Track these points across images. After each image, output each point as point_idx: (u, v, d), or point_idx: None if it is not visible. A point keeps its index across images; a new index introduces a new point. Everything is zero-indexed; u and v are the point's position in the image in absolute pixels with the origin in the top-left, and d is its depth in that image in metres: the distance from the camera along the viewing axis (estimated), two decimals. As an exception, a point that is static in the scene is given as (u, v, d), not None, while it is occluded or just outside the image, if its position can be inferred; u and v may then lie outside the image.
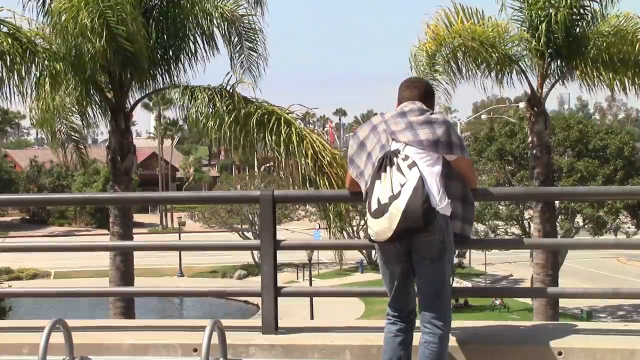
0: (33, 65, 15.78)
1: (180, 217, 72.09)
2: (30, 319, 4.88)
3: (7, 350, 5.47)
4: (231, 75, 16.54)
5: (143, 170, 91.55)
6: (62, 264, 55.83)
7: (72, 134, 19.00)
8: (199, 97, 16.21)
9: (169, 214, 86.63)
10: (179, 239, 54.90)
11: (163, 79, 17.07)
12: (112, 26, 14.66)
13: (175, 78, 16.98)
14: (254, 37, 17.20)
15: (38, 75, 15.79)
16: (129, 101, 17.19)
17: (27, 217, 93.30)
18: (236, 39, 17.07)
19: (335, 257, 17.20)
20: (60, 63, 15.62)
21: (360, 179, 5.28)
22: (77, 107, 17.53)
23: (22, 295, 14.76)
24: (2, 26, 15.59)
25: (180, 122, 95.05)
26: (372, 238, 5.01)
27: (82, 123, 18.22)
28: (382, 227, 4.89)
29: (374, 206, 4.92)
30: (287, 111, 16.16)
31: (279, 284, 5.94)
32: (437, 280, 5.03)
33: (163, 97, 74.80)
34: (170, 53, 16.81)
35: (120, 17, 14.71)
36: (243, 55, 17.19)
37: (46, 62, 15.73)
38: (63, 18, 14.79)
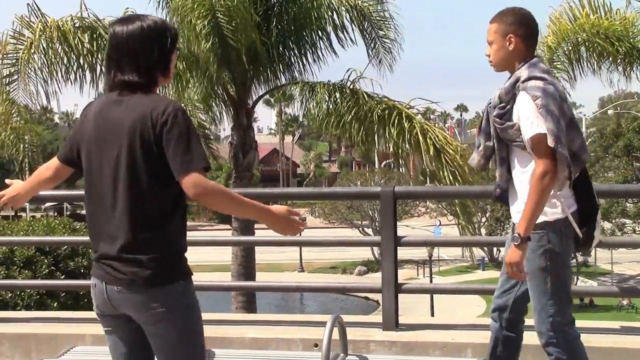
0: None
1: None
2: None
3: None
4: (352, 71, 16.57)
5: (264, 166, 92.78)
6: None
7: (200, 129, 19.43)
8: (319, 93, 16.29)
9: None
10: (300, 234, 55.35)
11: (284, 75, 17.23)
12: (223, 26, 14.84)
13: (297, 74, 17.13)
14: (383, 27, 17.12)
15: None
16: (251, 98, 17.43)
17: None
18: (363, 31, 17.03)
19: (463, 253, 17.04)
20: (184, 62, 15.98)
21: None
22: (202, 104, 17.91)
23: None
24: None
25: (301, 119, 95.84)
26: (588, 250, 4.59)
27: (208, 119, 18.64)
28: (598, 240, 4.53)
29: (600, 214, 4.48)
30: (408, 106, 16.09)
31: (399, 281, 5.90)
32: None
33: (284, 93, 75.73)
34: (291, 50, 16.95)
35: (233, 19, 14.88)
36: (374, 47, 17.16)
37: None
38: (183, 17, 15.13)
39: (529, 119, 4.22)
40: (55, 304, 14.52)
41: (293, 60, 17.00)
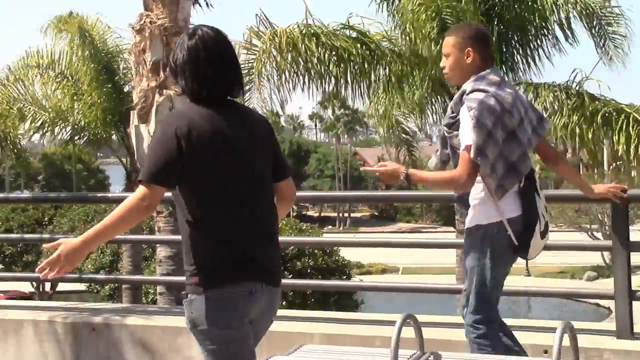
0: (379, 68, 16.40)
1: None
2: (380, 313, 5.07)
3: (361, 341, 5.68)
4: (577, 72, 16.11)
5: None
6: (410, 260, 57.22)
7: (405, 136, 19.60)
8: (542, 94, 15.98)
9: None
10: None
11: (507, 75, 16.96)
12: (450, 27, 14.83)
13: (520, 74, 16.83)
14: (612, 22, 16.49)
15: (382, 76, 16.39)
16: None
17: (376, 214, 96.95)
18: (591, 28, 16.44)
19: None
20: (407, 65, 16.08)
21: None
22: (413, 110, 17.94)
23: (373, 289, 15.32)
24: (351, 32, 16.34)
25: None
26: (526, 257, 4.70)
27: (420, 123, 18.67)
28: (539, 250, 4.70)
29: (543, 224, 4.62)
30: (637, 109, 15.46)
31: (633, 287, 5.65)
32: None
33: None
34: (514, 49, 16.66)
35: (459, 20, 14.81)
36: (603, 45, 16.56)
37: (392, 64, 16.27)
38: (408, 19, 15.22)
39: (463, 130, 4.46)
40: (283, 303, 15.00)
41: (516, 60, 16.72)
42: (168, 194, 3.72)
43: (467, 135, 4.43)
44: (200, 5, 11.37)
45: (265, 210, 3.71)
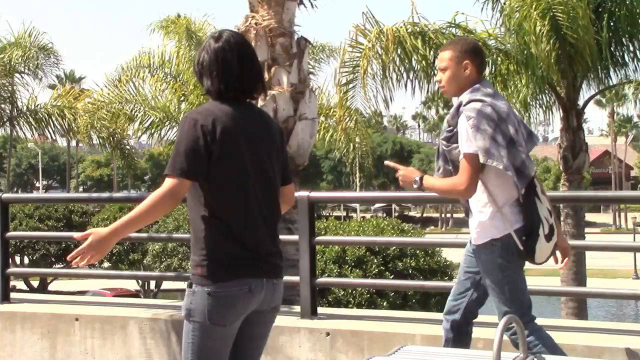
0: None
1: (635, 218, 69.39)
2: (483, 315, 5.01)
3: (462, 343, 5.61)
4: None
5: (595, 168, 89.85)
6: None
7: None
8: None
9: (622, 214, 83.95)
10: (634, 239, 52.97)
11: (616, 74, 16.55)
12: (561, 27, 14.51)
13: (630, 73, 16.39)
14: None
15: (487, 75, 16.14)
16: (581, 98, 16.91)
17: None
18: None
19: None
20: (514, 64, 15.83)
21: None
22: (518, 109, 17.60)
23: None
24: (456, 30, 16.16)
25: (635, 119, 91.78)
26: (534, 262, 4.63)
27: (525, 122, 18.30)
28: (547, 253, 4.63)
29: (547, 227, 4.56)
30: None
31: None
32: None
33: (616, 93, 72.67)
34: (624, 47, 16.23)
35: (570, 17, 14.50)
36: None
37: (497, 62, 16.04)
38: (515, 18, 14.98)
39: (462, 139, 4.48)
40: (384, 303, 14.92)
41: (626, 59, 16.29)
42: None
43: (467, 144, 4.45)
44: (304, 6, 11.35)
45: (273, 210, 3.85)
